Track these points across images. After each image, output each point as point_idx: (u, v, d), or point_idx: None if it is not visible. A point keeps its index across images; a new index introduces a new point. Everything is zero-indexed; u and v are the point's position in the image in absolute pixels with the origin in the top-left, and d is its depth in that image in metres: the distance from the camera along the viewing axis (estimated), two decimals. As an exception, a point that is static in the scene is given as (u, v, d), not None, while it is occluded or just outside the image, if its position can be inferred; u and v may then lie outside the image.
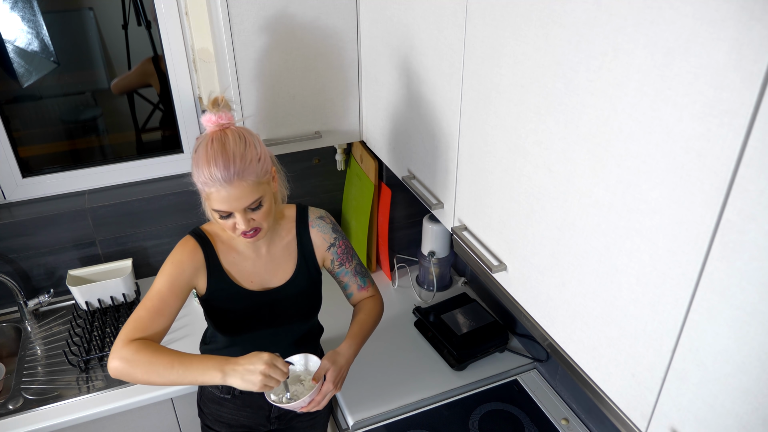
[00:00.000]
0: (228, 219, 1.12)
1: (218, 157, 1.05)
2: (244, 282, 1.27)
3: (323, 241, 1.32)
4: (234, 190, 1.07)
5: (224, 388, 1.37)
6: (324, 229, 1.32)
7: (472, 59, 0.99)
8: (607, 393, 0.81)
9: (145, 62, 1.87)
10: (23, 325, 1.82)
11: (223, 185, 1.06)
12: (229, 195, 1.07)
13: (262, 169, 1.10)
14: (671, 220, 0.63)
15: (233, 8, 1.39)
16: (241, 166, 1.06)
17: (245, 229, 1.12)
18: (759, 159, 0.52)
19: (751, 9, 0.50)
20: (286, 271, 1.30)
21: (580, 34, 0.72)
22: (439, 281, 1.96)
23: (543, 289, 0.92)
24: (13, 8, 1.68)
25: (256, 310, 1.28)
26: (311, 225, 1.31)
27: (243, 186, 1.07)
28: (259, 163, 1.09)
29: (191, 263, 1.21)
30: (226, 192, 1.07)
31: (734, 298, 0.58)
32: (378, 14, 1.38)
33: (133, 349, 1.09)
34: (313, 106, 1.58)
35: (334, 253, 1.33)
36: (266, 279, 1.29)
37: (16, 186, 1.86)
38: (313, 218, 1.31)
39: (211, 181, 1.06)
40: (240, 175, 1.06)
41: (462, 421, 1.52)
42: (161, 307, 1.16)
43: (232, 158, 1.05)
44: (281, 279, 1.30)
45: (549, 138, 0.82)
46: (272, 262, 1.29)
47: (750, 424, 0.59)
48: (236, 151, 1.06)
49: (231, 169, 1.05)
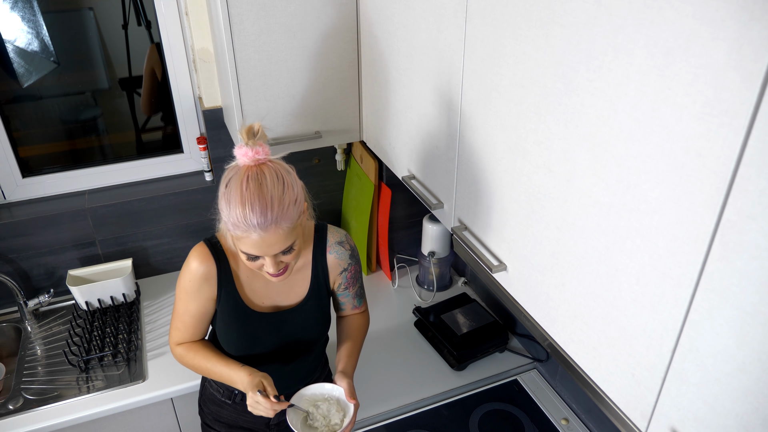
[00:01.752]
0: (255, 261, 1.07)
1: (255, 201, 0.98)
2: (255, 300, 1.24)
3: (338, 266, 1.28)
4: (268, 237, 1.00)
5: (225, 392, 1.37)
6: (341, 256, 1.27)
7: (472, 59, 0.99)
8: (607, 393, 0.81)
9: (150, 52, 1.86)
10: (23, 325, 1.82)
11: (257, 232, 0.99)
12: (263, 242, 1.00)
13: (297, 211, 1.04)
14: (671, 220, 0.63)
15: (233, 8, 1.39)
16: (279, 212, 0.99)
17: (274, 272, 1.07)
18: (759, 159, 0.52)
19: (751, 9, 0.50)
20: (298, 294, 1.26)
21: (580, 34, 0.72)
22: (439, 281, 1.96)
23: (543, 289, 0.92)
24: (13, 8, 1.67)
25: (263, 332, 1.25)
26: (329, 251, 1.26)
27: (279, 233, 1.01)
28: (296, 206, 1.03)
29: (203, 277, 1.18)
30: (259, 238, 1.00)
31: (734, 298, 0.58)
32: (378, 14, 1.38)
33: (179, 355, 1.27)
34: (313, 106, 1.58)
35: (344, 278, 1.30)
36: (277, 300, 1.25)
37: (16, 186, 1.86)
38: (332, 243, 1.26)
39: (245, 225, 0.98)
40: (277, 222, 0.99)
41: (462, 421, 1.52)
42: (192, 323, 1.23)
43: (270, 204, 0.98)
44: (292, 300, 1.26)
45: (549, 138, 0.82)
46: (285, 283, 1.24)
47: (750, 424, 0.59)
48: (274, 195, 0.99)
49: (268, 216, 0.98)
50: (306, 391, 1.24)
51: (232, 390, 1.36)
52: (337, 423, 1.20)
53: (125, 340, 1.72)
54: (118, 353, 1.67)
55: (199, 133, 1.98)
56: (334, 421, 1.21)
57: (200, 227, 2.02)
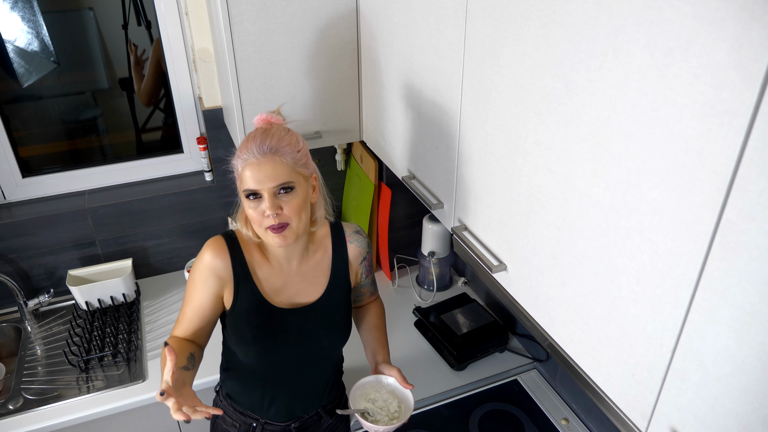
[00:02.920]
0: (257, 204, 1.06)
1: (257, 135, 1.06)
2: (273, 297, 1.19)
3: (359, 255, 1.26)
4: (266, 164, 1.04)
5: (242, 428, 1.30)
6: (362, 244, 1.26)
7: (472, 59, 0.99)
8: (607, 393, 0.81)
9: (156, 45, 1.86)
10: (23, 325, 1.82)
11: (257, 157, 1.04)
12: (261, 170, 1.04)
13: (301, 159, 1.08)
14: (671, 220, 0.63)
15: (233, 8, 1.39)
16: (278, 143, 1.05)
17: (271, 212, 1.05)
18: (759, 159, 0.52)
19: (751, 9, 0.50)
20: (317, 290, 1.22)
21: (580, 34, 0.72)
22: (439, 281, 1.96)
23: (543, 289, 0.92)
24: (13, 8, 1.67)
25: (283, 330, 1.20)
26: (349, 240, 1.25)
27: (276, 162, 1.05)
28: (298, 153, 1.08)
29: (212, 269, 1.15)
30: (258, 165, 1.04)
31: (734, 298, 0.58)
32: (378, 14, 1.38)
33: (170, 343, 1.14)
34: (313, 106, 1.58)
35: (364, 267, 1.29)
36: (295, 296, 1.21)
37: (16, 186, 1.86)
38: (350, 233, 1.26)
39: (247, 154, 1.05)
40: (274, 150, 1.05)
41: (462, 421, 1.52)
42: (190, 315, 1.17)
43: (271, 136, 1.06)
44: (311, 297, 1.22)
45: (549, 138, 0.82)
46: (304, 279, 1.21)
47: (750, 424, 0.59)
48: (276, 133, 1.07)
49: (267, 143, 1.04)
50: (356, 389, 1.24)
51: (250, 423, 1.29)
52: (396, 410, 1.22)
53: (125, 340, 1.72)
54: (118, 353, 1.67)
55: (199, 133, 1.98)
56: (392, 408, 1.22)
57: (200, 227, 2.02)
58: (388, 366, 1.25)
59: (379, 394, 1.24)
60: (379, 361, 1.27)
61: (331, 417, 1.35)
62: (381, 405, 1.22)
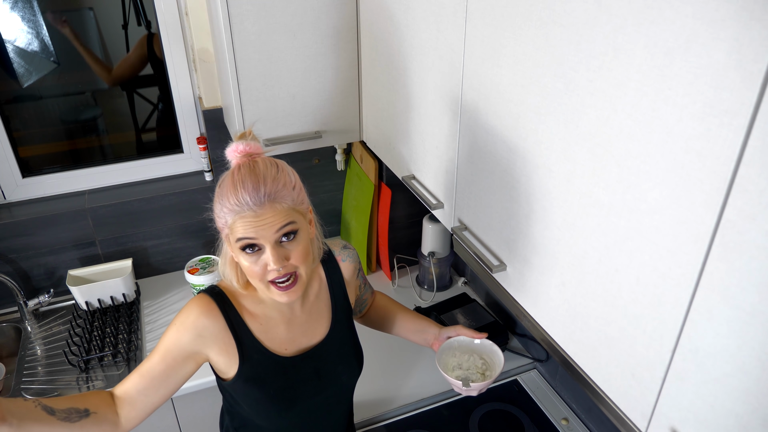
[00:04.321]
0: (256, 258, 0.92)
1: (246, 181, 0.89)
2: (280, 349, 1.05)
3: (354, 271, 1.16)
4: (265, 214, 0.89)
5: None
6: (353, 257, 1.16)
7: (472, 59, 0.99)
8: (607, 393, 0.81)
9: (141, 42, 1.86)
10: (23, 325, 1.82)
11: (252, 209, 0.88)
12: (258, 219, 0.89)
13: (298, 197, 0.94)
14: (671, 220, 0.63)
15: (233, 8, 1.39)
16: (273, 187, 0.90)
17: (278, 265, 0.91)
18: (759, 159, 0.52)
19: (751, 9, 0.50)
20: (323, 325, 1.10)
21: (580, 34, 0.72)
22: (439, 281, 1.96)
23: (543, 289, 0.92)
24: (13, 8, 1.68)
25: (301, 380, 1.07)
26: (341, 259, 1.14)
27: (276, 209, 0.90)
28: (294, 191, 0.93)
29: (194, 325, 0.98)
30: (255, 217, 0.89)
31: (734, 298, 0.58)
32: (378, 14, 1.38)
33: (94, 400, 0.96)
34: (313, 106, 1.59)
35: (360, 278, 1.20)
36: (303, 340, 1.08)
37: (16, 186, 1.86)
38: (339, 251, 1.14)
39: (239, 206, 0.88)
40: (272, 197, 0.89)
41: (462, 421, 1.52)
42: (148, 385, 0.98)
43: (263, 180, 0.89)
44: (319, 335, 1.09)
45: (549, 138, 0.82)
46: (308, 319, 1.08)
47: (750, 424, 0.59)
48: (267, 174, 0.90)
49: (261, 190, 0.88)
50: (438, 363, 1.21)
51: None
52: (482, 363, 1.23)
53: (125, 340, 1.72)
54: (118, 353, 1.67)
55: (199, 133, 1.98)
56: (479, 364, 1.23)
57: (200, 227, 2.02)
58: (448, 329, 1.23)
59: (458, 357, 1.24)
60: (433, 332, 1.25)
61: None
62: (468, 366, 1.23)
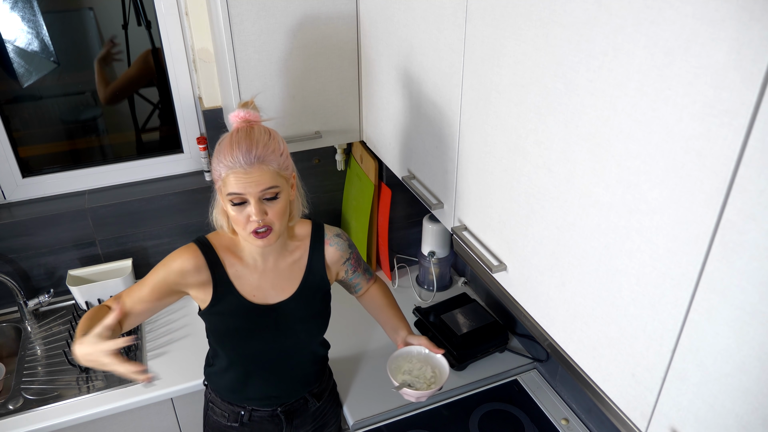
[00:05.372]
0: (241, 209, 1.09)
1: (242, 142, 1.06)
2: (247, 295, 1.23)
3: (339, 258, 1.30)
4: (253, 173, 1.06)
5: (231, 416, 1.35)
6: (342, 247, 1.30)
7: (472, 59, 0.99)
8: (607, 393, 0.81)
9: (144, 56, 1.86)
10: (23, 325, 1.82)
11: (243, 167, 1.05)
12: (248, 177, 1.06)
13: (284, 163, 1.10)
14: (671, 220, 0.63)
15: (233, 8, 1.39)
16: (264, 152, 1.07)
17: (258, 218, 1.08)
18: (759, 159, 0.52)
19: (751, 9, 0.50)
20: (292, 285, 1.26)
21: (580, 34, 0.72)
22: (439, 281, 1.96)
23: (543, 289, 0.92)
24: (13, 8, 1.67)
25: (261, 325, 1.25)
26: (328, 243, 1.29)
27: (263, 170, 1.07)
28: (281, 157, 1.10)
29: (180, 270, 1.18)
30: (245, 174, 1.06)
31: (734, 298, 0.58)
32: (378, 14, 1.38)
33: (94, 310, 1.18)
34: (313, 106, 1.59)
35: (348, 266, 1.33)
36: (270, 293, 1.25)
37: (16, 186, 1.86)
38: (330, 236, 1.29)
39: (233, 163, 1.05)
40: (261, 159, 1.06)
41: (462, 421, 1.52)
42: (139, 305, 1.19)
43: (256, 144, 1.06)
44: (285, 294, 1.26)
45: (549, 138, 0.82)
46: (278, 276, 1.25)
47: (750, 424, 0.59)
48: (260, 140, 1.07)
49: (253, 152, 1.06)
50: (391, 363, 1.29)
51: (238, 412, 1.34)
52: (432, 375, 1.28)
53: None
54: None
55: (199, 133, 1.98)
56: (428, 375, 1.28)
57: (200, 227, 2.02)
58: (413, 336, 1.31)
59: (412, 364, 1.30)
60: (402, 335, 1.33)
61: (318, 401, 1.40)
62: (417, 374, 1.29)
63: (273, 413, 1.35)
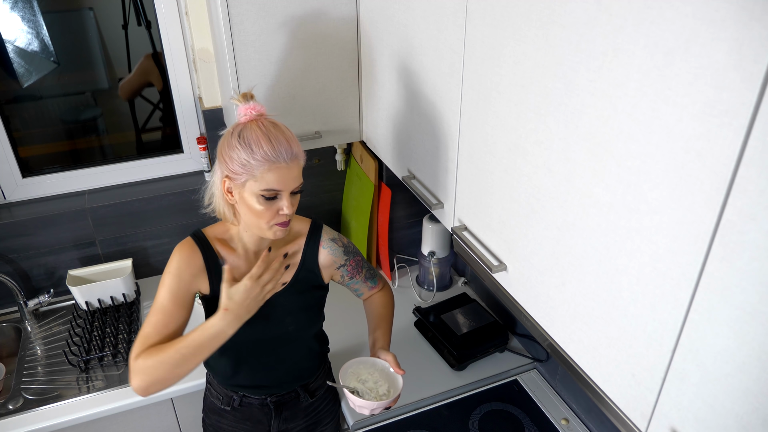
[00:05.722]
0: (272, 203, 1.09)
1: (279, 136, 1.06)
2: None
3: (332, 263, 1.31)
4: (293, 168, 1.08)
5: (224, 399, 1.37)
6: (335, 252, 1.30)
7: (472, 59, 0.99)
8: (607, 393, 0.81)
9: (144, 60, 1.87)
10: (23, 325, 1.82)
11: (287, 162, 1.06)
12: (290, 173, 1.07)
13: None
14: (671, 220, 0.63)
15: (233, 8, 1.39)
16: (298, 148, 1.09)
17: (290, 212, 1.10)
18: (759, 159, 0.52)
19: (751, 9, 0.50)
20: (284, 278, 1.27)
21: (580, 34, 0.72)
22: (439, 281, 1.96)
23: (543, 289, 0.92)
24: (13, 8, 1.68)
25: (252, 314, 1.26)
26: (322, 245, 1.29)
27: (299, 165, 1.09)
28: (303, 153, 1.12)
29: (189, 269, 1.19)
30: (287, 169, 1.07)
31: (734, 298, 0.58)
32: (378, 14, 1.38)
33: (142, 360, 1.11)
34: (313, 106, 1.59)
35: (344, 271, 1.33)
36: None
37: (16, 186, 1.86)
38: (325, 239, 1.30)
39: (275, 157, 1.05)
40: (298, 156, 1.08)
41: (462, 421, 1.52)
42: (167, 320, 1.16)
43: (290, 138, 1.08)
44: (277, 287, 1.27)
45: (549, 138, 0.82)
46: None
47: (750, 424, 0.59)
48: (291, 136, 1.09)
49: (294, 147, 1.07)
50: (349, 367, 1.28)
51: (231, 396, 1.36)
52: (384, 393, 1.25)
53: (125, 340, 1.72)
54: (118, 353, 1.67)
55: (199, 133, 1.98)
56: (381, 391, 1.25)
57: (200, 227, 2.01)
58: (384, 351, 1.30)
59: (371, 375, 1.28)
60: (378, 347, 1.32)
61: (311, 397, 1.41)
62: (371, 386, 1.26)
63: (263, 402, 1.37)
